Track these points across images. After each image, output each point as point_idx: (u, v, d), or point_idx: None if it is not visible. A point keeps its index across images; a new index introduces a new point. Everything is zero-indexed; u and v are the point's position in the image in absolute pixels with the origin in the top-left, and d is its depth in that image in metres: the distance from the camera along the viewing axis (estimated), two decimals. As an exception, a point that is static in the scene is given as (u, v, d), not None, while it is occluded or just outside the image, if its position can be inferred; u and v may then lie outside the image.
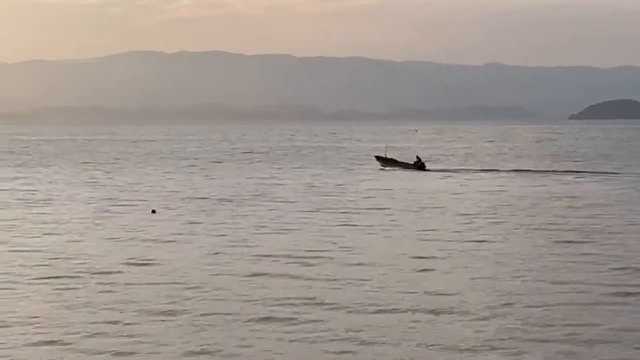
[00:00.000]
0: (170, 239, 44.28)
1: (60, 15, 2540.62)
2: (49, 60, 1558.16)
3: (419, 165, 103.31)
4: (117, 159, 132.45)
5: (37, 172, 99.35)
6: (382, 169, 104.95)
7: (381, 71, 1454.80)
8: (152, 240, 43.82)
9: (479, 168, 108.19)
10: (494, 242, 43.18)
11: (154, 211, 56.25)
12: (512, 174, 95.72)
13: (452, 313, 28.27)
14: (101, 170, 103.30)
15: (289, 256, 38.94)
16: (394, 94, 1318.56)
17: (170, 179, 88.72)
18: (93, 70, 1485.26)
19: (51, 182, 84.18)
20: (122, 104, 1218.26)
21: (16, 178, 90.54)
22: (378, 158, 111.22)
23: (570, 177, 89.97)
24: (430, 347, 24.17)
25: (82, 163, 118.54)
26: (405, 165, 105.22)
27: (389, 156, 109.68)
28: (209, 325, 26.79)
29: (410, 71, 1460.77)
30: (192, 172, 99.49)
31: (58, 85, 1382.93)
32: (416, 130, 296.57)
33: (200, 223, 50.66)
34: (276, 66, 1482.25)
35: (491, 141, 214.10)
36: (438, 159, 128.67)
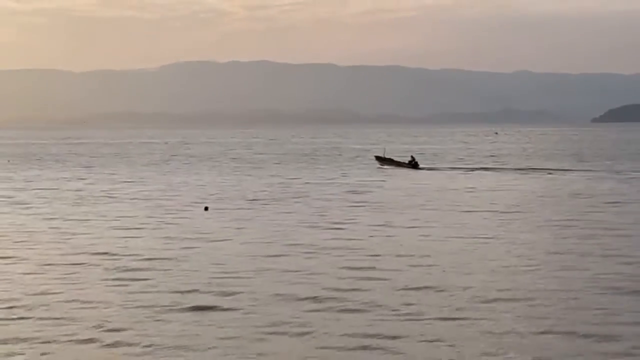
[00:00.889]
0: (221, 233, 43.52)
1: (125, 27, 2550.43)
2: (115, 70, 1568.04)
3: (413, 164, 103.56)
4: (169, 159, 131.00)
5: (110, 172, 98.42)
6: (380, 168, 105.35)
7: (416, 78, 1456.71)
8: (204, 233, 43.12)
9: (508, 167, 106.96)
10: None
11: (206, 208, 55.65)
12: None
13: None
14: (162, 169, 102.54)
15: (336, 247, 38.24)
16: (429, 100, 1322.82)
17: (225, 177, 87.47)
18: (154, 79, 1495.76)
19: (122, 181, 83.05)
20: (182, 110, 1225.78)
21: (93, 177, 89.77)
22: (377, 158, 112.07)
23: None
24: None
25: (146, 164, 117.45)
26: (400, 164, 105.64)
27: (386, 156, 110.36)
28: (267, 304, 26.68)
29: (443, 78, 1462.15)
30: (259, 169, 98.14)
31: (123, 92, 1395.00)
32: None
33: (249, 219, 49.54)
34: (320, 74, 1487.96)
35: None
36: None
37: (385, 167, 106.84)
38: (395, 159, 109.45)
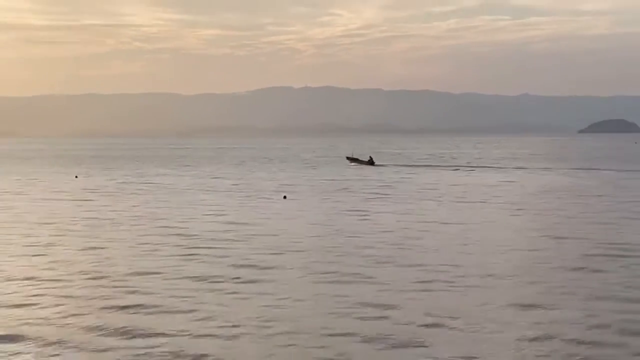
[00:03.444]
0: (296, 214, 43.70)
1: (223, 61, 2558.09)
2: (215, 93, 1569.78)
3: (370, 162, 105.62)
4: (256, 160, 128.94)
5: (210, 169, 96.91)
6: (349, 165, 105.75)
7: (443, 100, 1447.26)
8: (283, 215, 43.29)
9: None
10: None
11: (285, 197, 55.37)
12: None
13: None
14: (251, 168, 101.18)
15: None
16: (453, 116, 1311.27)
17: (298, 174, 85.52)
18: (244, 100, 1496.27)
19: (218, 177, 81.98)
20: (265, 124, 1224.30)
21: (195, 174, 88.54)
22: (347, 157, 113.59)
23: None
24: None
25: (237, 164, 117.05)
26: (362, 162, 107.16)
27: (354, 157, 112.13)
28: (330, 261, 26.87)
29: (463, 100, 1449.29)
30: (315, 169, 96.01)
31: (221, 110, 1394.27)
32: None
33: (316, 206, 49.49)
34: (370, 96, 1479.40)
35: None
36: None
37: (352, 164, 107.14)
38: (360, 158, 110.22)
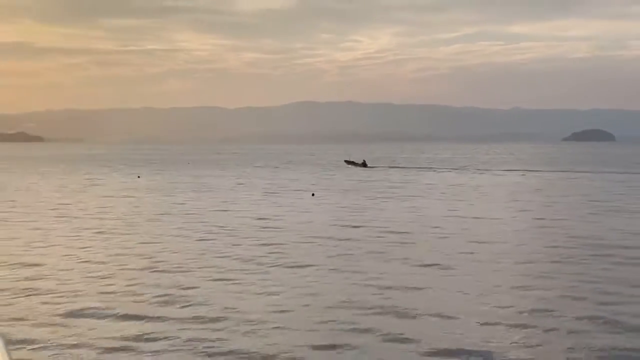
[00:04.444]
0: (328, 209, 43.68)
1: (261, 79, 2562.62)
2: (254, 107, 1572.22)
3: (363, 164, 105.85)
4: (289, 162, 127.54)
5: (246, 171, 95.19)
6: (347, 166, 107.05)
7: (446, 112, 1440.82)
8: (311, 209, 43.34)
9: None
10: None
11: (313, 194, 55.13)
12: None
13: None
14: (280, 169, 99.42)
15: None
16: (455, 126, 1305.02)
17: (322, 175, 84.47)
18: (279, 112, 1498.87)
19: (254, 177, 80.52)
20: (295, 132, 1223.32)
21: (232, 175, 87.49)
22: (345, 161, 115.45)
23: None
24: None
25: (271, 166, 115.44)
26: (357, 164, 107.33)
27: (351, 159, 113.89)
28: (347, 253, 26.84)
29: (463, 112, 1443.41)
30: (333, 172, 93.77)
31: (259, 120, 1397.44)
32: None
33: (339, 202, 49.28)
34: (384, 109, 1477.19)
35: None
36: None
37: (349, 166, 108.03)
38: (356, 161, 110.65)
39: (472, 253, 26.03)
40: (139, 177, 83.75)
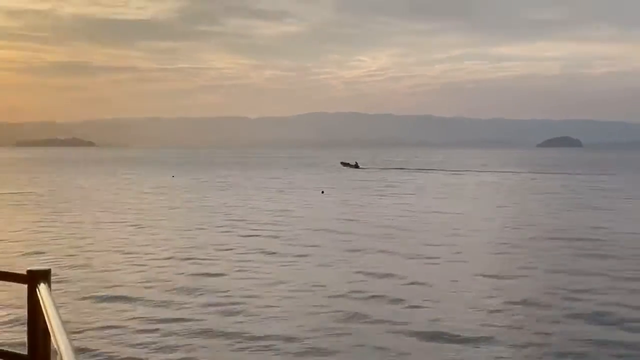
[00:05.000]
0: (334, 205, 43.25)
1: (276, 93, 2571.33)
2: (271, 117, 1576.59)
3: (356, 166, 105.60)
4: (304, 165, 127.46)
5: (264, 172, 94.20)
6: (342, 167, 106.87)
7: (438, 122, 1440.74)
8: (324, 206, 42.94)
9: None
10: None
11: (322, 192, 54.56)
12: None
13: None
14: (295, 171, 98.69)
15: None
16: (445, 133, 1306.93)
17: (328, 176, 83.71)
18: (291, 121, 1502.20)
19: (272, 177, 79.41)
20: (306, 139, 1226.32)
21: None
22: (341, 162, 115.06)
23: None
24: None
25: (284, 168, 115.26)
26: (350, 165, 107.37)
27: (345, 161, 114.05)
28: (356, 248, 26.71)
29: (453, 122, 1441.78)
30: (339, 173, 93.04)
31: (286, 129, 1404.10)
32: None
33: (347, 199, 48.65)
34: (384, 119, 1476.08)
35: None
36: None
37: (344, 167, 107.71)
38: (350, 162, 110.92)
39: (455, 245, 25.60)
40: (173, 176, 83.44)
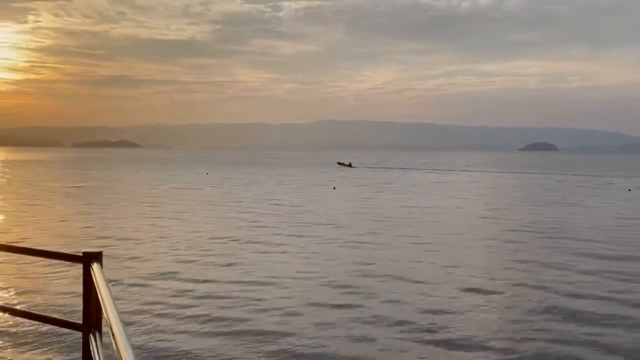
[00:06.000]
0: (343, 200, 42.56)
1: (293, 103, 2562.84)
2: (289, 123, 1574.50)
3: (349, 165, 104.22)
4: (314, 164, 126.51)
5: (286, 172, 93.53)
6: (339, 167, 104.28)
7: (434, 128, 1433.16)
8: (334, 201, 42.36)
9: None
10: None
11: (334, 188, 53.62)
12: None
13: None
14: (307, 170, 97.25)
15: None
16: (439, 139, 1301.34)
17: (338, 174, 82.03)
18: (307, 128, 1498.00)
19: (290, 176, 79.10)
20: (319, 143, 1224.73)
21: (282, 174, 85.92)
22: (338, 163, 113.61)
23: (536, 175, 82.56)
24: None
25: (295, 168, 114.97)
26: (345, 165, 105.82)
27: (341, 162, 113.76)
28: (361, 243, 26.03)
29: (446, 129, 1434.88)
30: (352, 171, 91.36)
31: (295, 134, 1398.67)
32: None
33: (359, 195, 48.17)
34: (390, 127, 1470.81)
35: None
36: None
37: (339, 166, 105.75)
38: (345, 162, 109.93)
39: (446, 234, 25.00)
40: (207, 174, 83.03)
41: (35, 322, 9.86)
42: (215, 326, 11.85)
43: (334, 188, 53.40)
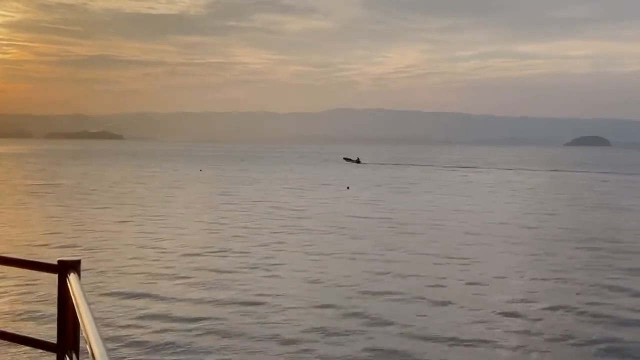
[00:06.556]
0: (357, 201, 42.61)
1: (303, 89, 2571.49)
2: (299, 112, 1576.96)
3: (357, 161, 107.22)
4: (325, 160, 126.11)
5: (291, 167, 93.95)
6: (346, 162, 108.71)
7: (465, 119, 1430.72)
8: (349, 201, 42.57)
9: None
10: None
11: (348, 187, 54.42)
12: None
13: None
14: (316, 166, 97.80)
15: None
16: (471, 131, 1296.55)
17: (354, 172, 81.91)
18: (318, 117, 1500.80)
19: (296, 171, 79.39)
20: (331, 134, 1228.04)
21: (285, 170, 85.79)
22: (344, 158, 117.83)
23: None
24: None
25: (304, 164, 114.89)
26: (352, 161, 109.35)
27: (348, 157, 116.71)
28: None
29: (480, 119, 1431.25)
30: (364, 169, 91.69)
31: (302, 124, 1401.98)
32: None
33: (371, 195, 48.08)
34: (412, 116, 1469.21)
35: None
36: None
37: (346, 162, 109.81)
38: (352, 158, 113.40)
39: (469, 245, 24.77)
40: (201, 170, 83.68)
41: (4, 342, 9.46)
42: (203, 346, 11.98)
43: (348, 188, 54.14)
